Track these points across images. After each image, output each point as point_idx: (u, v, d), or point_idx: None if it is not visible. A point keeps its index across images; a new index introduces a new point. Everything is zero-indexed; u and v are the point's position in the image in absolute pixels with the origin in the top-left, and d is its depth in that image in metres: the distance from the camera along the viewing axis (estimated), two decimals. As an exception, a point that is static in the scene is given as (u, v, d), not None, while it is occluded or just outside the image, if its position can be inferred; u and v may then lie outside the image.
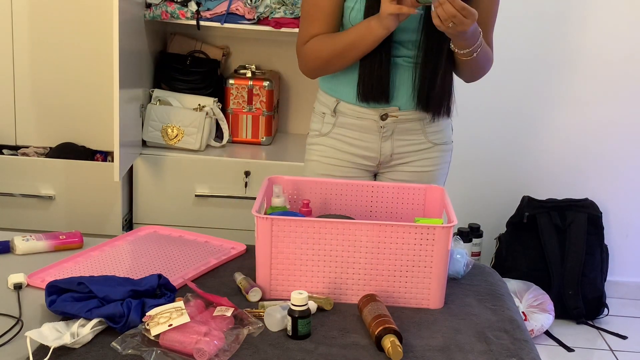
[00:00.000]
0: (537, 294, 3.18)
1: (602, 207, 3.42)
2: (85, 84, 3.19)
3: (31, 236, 1.84)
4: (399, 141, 2.02)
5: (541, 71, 3.40)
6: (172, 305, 1.42)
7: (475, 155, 3.45)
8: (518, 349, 1.48)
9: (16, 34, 3.16)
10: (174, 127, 3.05)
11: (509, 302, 1.72)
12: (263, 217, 1.59)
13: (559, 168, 3.48)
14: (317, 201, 1.85)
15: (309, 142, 2.11)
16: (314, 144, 2.08)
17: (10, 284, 1.62)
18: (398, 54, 1.94)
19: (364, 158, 2.04)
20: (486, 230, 3.48)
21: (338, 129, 2.03)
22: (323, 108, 2.06)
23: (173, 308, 1.41)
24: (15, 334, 1.42)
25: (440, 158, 2.08)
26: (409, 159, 2.04)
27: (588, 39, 3.36)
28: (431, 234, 1.57)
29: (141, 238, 1.92)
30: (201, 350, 1.34)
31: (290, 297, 1.47)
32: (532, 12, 3.34)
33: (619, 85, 3.39)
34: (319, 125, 2.07)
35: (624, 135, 3.44)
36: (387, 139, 2.01)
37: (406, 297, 1.62)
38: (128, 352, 1.35)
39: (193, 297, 1.52)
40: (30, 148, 3.22)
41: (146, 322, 1.39)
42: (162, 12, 3.00)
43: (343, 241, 1.58)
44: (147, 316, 1.40)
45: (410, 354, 1.43)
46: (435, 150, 2.06)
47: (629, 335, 3.24)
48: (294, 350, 1.42)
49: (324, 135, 2.05)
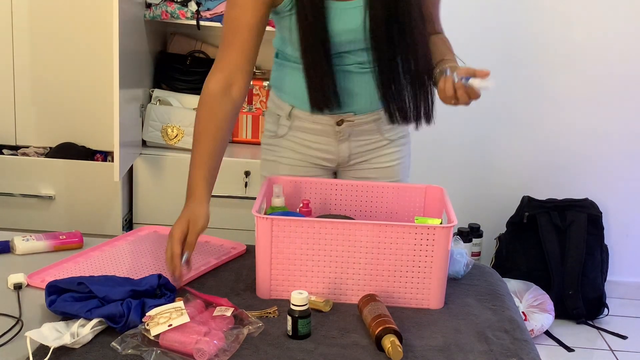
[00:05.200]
0: (537, 294, 3.18)
1: (602, 207, 3.42)
2: (85, 84, 3.20)
3: (31, 236, 1.84)
4: (356, 142, 1.98)
5: (541, 71, 3.40)
6: (172, 306, 1.42)
7: (475, 155, 3.45)
8: (518, 349, 1.48)
9: (16, 34, 3.16)
10: (174, 127, 3.05)
11: (509, 302, 1.72)
12: (263, 217, 1.59)
13: (559, 168, 3.49)
14: (317, 201, 1.85)
15: (265, 142, 2.04)
16: (271, 144, 2.02)
17: (10, 284, 1.62)
18: (347, 62, 1.85)
19: (322, 159, 1.99)
20: (486, 230, 3.48)
21: (294, 132, 1.97)
22: (277, 110, 1.99)
23: (173, 308, 1.41)
24: (15, 334, 1.42)
25: (399, 152, 2.04)
26: (368, 157, 2.01)
27: (588, 39, 3.36)
28: (431, 234, 1.57)
29: (141, 238, 1.92)
30: (201, 350, 1.34)
31: (290, 297, 1.47)
32: (532, 12, 3.34)
33: (619, 86, 3.39)
34: (274, 127, 2.00)
35: (624, 135, 3.44)
36: (344, 141, 1.97)
37: (406, 297, 1.62)
38: (128, 352, 1.35)
39: (193, 297, 1.52)
40: (30, 148, 3.22)
41: (146, 322, 1.39)
42: (162, 12, 3.00)
43: (343, 241, 1.58)
44: (147, 316, 1.40)
45: (410, 354, 1.43)
46: (392, 146, 2.02)
47: (629, 335, 3.24)
48: (294, 350, 1.42)
49: (280, 137, 1.99)
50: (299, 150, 1.98)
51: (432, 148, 3.37)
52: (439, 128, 1.99)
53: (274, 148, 2.01)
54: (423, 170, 3.38)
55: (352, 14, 1.78)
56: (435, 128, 1.94)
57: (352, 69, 1.86)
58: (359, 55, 1.85)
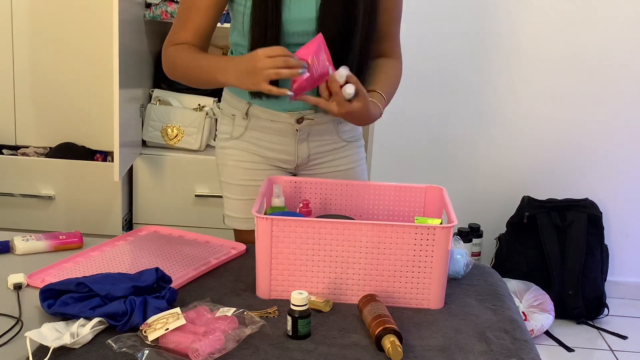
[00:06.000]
0: (537, 294, 3.18)
1: (602, 207, 3.42)
2: (85, 84, 3.19)
3: (31, 236, 1.84)
4: (315, 142, 1.96)
5: (541, 71, 3.40)
6: (169, 312, 1.42)
7: (475, 155, 3.45)
8: (518, 349, 1.48)
9: (16, 34, 3.16)
10: (174, 127, 3.05)
11: (509, 302, 1.72)
12: (263, 217, 1.59)
13: (559, 168, 3.49)
14: (317, 201, 1.85)
15: (220, 145, 2.00)
16: (226, 147, 1.97)
17: (10, 284, 1.62)
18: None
19: (280, 161, 1.97)
20: (486, 230, 3.48)
21: (251, 132, 1.94)
22: (232, 110, 1.96)
23: (169, 314, 1.41)
24: (15, 334, 1.42)
25: (356, 155, 2.03)
26: (325, 158, 1.99)
27: (588, 38, 3.36)
28: (431, 234, 1.57)
29: (141, 238, 1.92)
30: (196, 350, 1.34)
31: (290, 297, 1.47)
32: (532, 11, 3.34)
33: (619, 85, 3.39)
34: (229, 128, 1.97)
35: (624, 135, 3.44)
36: (303, 141, 1.95)
37: (406, 297, 1.62)
38: (123, 350, 1.35)
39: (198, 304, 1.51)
40: (30, 148, 3.22)
41: (143, 329, 1.39)
42: (162, 12, 3.00)
43: (343, 241, 1.58)
44: (145, 324, 1.40)
45: (410, 354, 1.43)
46: (348, 148, 2.01)
47: (629, 335, 3.24)
48: (294, 350, 1.42)
49: (236, 139, 1.96)
50: (256, 152, 1.95)
51: (432, 148, 3.37)
52: (439, 128, 1.99)
53: (230, 152, 1.97)
54: (423, 170, 3.39)
55: (307, 3, 1.78)
56: (435, 128, 1.95)
57: None
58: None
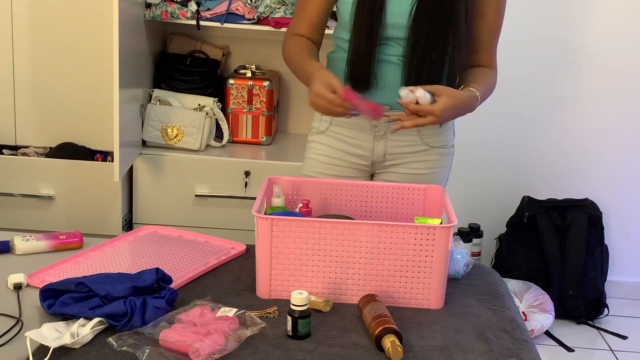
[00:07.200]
0: (537, 294, 3.18)
1: (602, 207, 3.42)
2: (85, 84, 3.19)
3: (31, 236, 1.84)
4: (393, 141, 1.99)
5: (541, 71, 3.40)
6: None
7: (475, 155, 3.45)
8: (518, 349, 1.48)
9: (16, 34, 3.16)
10: (174, 127, 3.05)
11: (509, 302, 1.72)
12: (263, 217, 1.59)
13: (559, 168, 3.49)
14: (317, 201, 1.85)
15: (309, 139, 2.11)
16: (313, 141, 2.09)
17: (10, 284, 1.62)
18: (390, 52, 1.90)
19: (357, 157, 2.02)
20: (486, 230, 3.48)
21: (334, 127, 2.03)
22: None
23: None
24: (15, 334, 1.42)
25: (437, 161, 2.03)
26: (403, 160, 2.02)
27: (588, 39, 3.36)
28: (431, 234, 1.57)
29: (141, 238, 1.92)
30: (197, 350, 1.34)
31: (290, 297, 1.47)
32: (532, 11, 3.34)
33: (619, 85, 3.39)
34: (317, 123, 2.08)
35: (624, 135, 3.44)
36: (380, 138, 1.99)
37: (406, 297, 1.62)
38: (123, 349, 1.35)
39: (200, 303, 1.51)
40: (30, 148, 3.22)
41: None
42: (162, 12, 3.00)
43: (343, 241, 1.58)
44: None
45: (410, 354, 1.43)
46: (431, 153, 2.02)
47: (629, 335, 3.24)
48: (294, 350, 1.42)
49: (322, 133, 2.05)
50: (336, 147, 2.02)
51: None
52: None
53: (315, 145, 2.07)
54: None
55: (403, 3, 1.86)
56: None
57: (394, 60, 1.91)
58: (400, 47, 1.89)
